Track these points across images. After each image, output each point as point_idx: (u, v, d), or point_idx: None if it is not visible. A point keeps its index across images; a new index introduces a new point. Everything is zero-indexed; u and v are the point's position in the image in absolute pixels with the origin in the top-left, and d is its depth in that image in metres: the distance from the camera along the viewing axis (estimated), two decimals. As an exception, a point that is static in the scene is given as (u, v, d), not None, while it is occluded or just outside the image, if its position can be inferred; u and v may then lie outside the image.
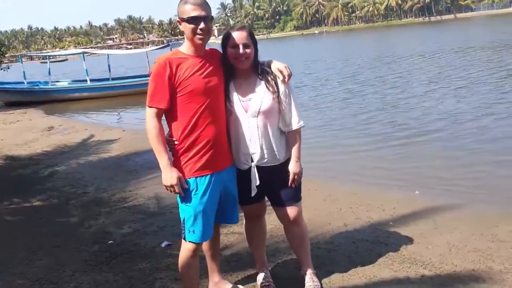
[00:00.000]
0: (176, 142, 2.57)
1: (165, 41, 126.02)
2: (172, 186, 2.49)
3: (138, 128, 11.69)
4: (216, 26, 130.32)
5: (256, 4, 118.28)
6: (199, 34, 2.43)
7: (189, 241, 2.62)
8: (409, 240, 3.69)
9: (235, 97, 2.64)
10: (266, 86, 2.59)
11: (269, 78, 2.60)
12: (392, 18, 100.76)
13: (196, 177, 2.55)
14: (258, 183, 2.73)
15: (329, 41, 58.89)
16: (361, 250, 3.58)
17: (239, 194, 2.79)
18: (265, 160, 2.70)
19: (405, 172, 5.93)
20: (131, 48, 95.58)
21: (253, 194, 2.77)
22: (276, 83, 2.60)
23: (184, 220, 2.61)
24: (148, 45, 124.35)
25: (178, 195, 2.57)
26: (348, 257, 3.47)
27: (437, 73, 16.43)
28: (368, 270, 3.25)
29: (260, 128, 2.60)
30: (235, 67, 2.61)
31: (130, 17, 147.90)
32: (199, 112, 2.50)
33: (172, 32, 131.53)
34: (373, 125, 9.06)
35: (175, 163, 2.58)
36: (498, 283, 2.99)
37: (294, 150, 2.72)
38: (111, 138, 9.99)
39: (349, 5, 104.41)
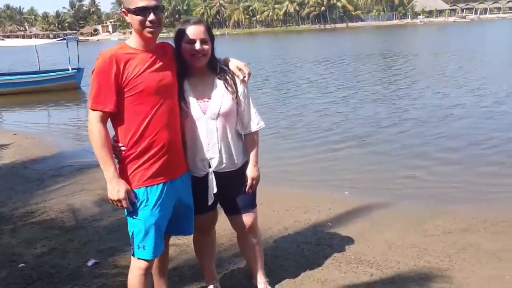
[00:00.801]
0: (123, 149, 2.23)
1: (51, 35, 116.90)
2: (119, 200, 2.16)
3: (33, 131, 10.57)
4: (111, 22, 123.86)
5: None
6: (149, 27, 2.14)
7: (139, 258, 2.30)
8: (350, 240, 3.75)
9: (192, 97, 2.38)
10: (225, 86, 2.41)
11: (228, 78, 2.42)
12: (291, 24, 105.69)
13: (147, 187, 2.24)
14: (215, 190, 2.51)
15: (234, 43, 59.53)
16: (307, 254, 3.53)
17: (193, 203, 2.53)
18: (224, 165, 2.49)
19: (332, 174, 6.11)
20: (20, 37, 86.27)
21: (210, 202, 2.54)
22: (235, 83, 2.43)
23: (132, 234, 2.28)
24: (30, 38, 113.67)
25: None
26: (295, 261, 3.40)
27: (348, 78, 17.49)
28: (318, 274, 3.20)
29: (219, 131, 2.41)
30: (190, 65, 2.36)
31: (7, 6, 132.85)
32: (151, 114, 2.19)
33: (60, 26, 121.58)
34: (299, 130, 9.20)
35: (122, 172, 2.24)
36: (438, 276, 3.15)
37: (252, 154, 2.56)
38: (1, 143, 8.76)
39: (250, 8, 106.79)
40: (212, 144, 2.42)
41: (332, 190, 5.33)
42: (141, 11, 2.11)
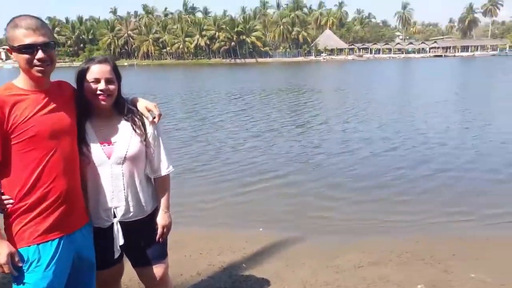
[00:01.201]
0: (11, 202, 1.93)
1: None
2: (0, 266, 1.86)
3: None
4: (3, 49, 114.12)
5: (57, 29, 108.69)
6: (38, 66, 1.90)
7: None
8: (266, 282, 3.67)
9: (94, 141, 2.18)
10: (133, 128, 2.26)
11: (136, 119, 2.27)
12: (202, 57, 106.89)
13: (39, 244, 1.96)
14: (122, 242, 2.28)
15: (144, 75, 58.29)
16: (222, 301, 3.37)
17: (96, 258, 2.27)
18: (131, 214, 2.29)
19: (246, 211, 6.04)
20: None
21: (116, 255, 2.30)
22: (143, 124, 2.28)
23: (20, 303, 1.95)
24: None
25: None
26: (210, 310, 3.22)
27: (261, 114, 17.87)
28: (234, 321, 3.05)
29: (125, 177, 2.24)
30: (93, 106, 2.18)
31: None
32: (44, 162, 1.94)
33: None
34: (212, 166, 9.06)
35: (9, 229, 1.94)
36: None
37: (163, 199, 2.40)
38: None
39: (160, 40, 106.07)
40: (117, 191, 2.23)
41: (246, 228, 5.25)
42: (28, 49, 1.87)
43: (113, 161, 2.20)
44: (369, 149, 10.53)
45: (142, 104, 2.32)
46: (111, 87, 2.15)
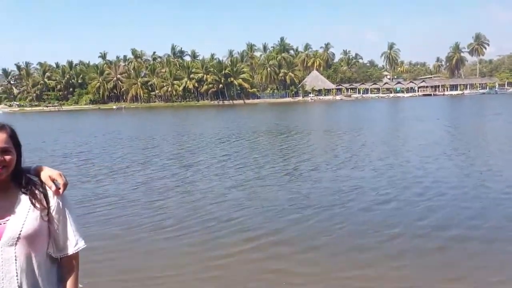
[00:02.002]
0: None
1: None
2: None
3: None
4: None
5: (47, 74, 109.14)
6: None
7: None
8: None
9: None
10: (32, 202, 1.99)
11: (37, 191, 2.02)
12: (190, 100, 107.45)
13: None
14: None
15: (132, 118, 57.78)
16: None
17: None
18: (26, 305, 1.93)
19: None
20: None
21: None
22: (46, 196, 2.02)
23: None
24: None
25: None
26: None
27: (248, 159, 17.12)
28: None
29: (19, 260, 1.93)
30: (-15, 178, 1.92)
31: None
32: None
33: None
34: (183, 224, 8.20)
35: None
36: None
37: (69, 282, 2.07)
38: None
39: (149, 83, 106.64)
40: (8, 278, 1.91)
41: None
42: None
43: (4, 242, 1.91)
44: (361, 201, 9.79)
45: (46, 173, 2.07)
46: (7, 157, 1.93)
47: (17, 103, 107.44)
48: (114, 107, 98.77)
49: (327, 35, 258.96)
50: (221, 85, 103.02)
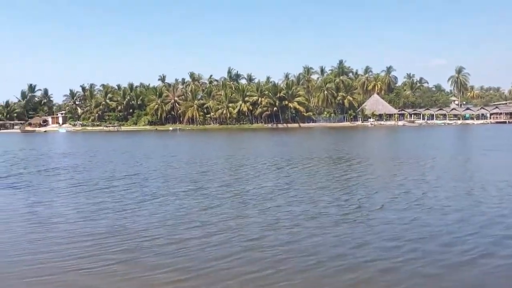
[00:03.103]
0: None
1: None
2: None
3: None
4: (62, 114, 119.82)
5: (109, 95, 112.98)
6: None
7: None
8: None
9: None
10: None
11: None
12: (244, 122, 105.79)
13: None
14: None
15: (187, 139, 56.50)
16: None
17: None
18: None
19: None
20: None
21: None
22: None
23: None
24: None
25: None
26: None
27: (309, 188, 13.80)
28: None
29: None
30: None
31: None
32: None
33: (8, 116, 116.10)
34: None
35: None
36: None
37: None
38: None
39: (204, 106, 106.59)
40: None
41: None
42: None
43: None
44: (434, 257, 7.52)
45: None
46: None
47: (80, 122, 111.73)
48: (170, 128, 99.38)
49: (389, 58, 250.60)
50: (275, 108, 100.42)
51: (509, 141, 38.76)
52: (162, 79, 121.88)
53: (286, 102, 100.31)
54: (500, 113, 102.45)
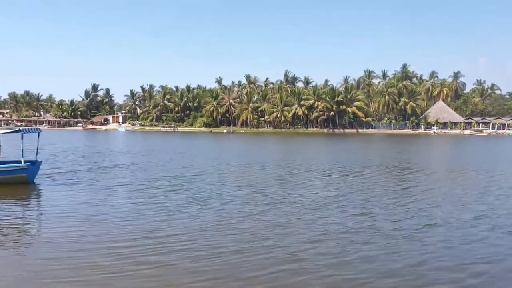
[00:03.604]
0: None
1: (61, 122, 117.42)
2: None
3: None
4: (122, 113, 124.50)
5: (167, 96, 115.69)
6: None
7: None
8: None
9: None
10: None
11: None
12: (299, 126, 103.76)
13: None
14: None
15: (238, 142, 55.81)
16: None
17: None
18: None
19: None
20: (21, 125, 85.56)
21: None
22: None
23: None
24: (42, 124, 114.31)
25: None
26: None
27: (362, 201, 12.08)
28: None
29: None
30: None
31: (27, 93, 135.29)
32: None
33: (72, 114, 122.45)
34: None
35: None
36: None
37: None
38: None
39: (259, 109, 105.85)
40: None
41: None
42: None
43: None
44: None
45: None
46: None
47: (139, 122, 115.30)
48: (224, 131, 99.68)
49: (458, 63, 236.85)
50: (332, 113, 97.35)
51: None
52: (219, 81, 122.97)
53: (344, 107, 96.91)
54: None
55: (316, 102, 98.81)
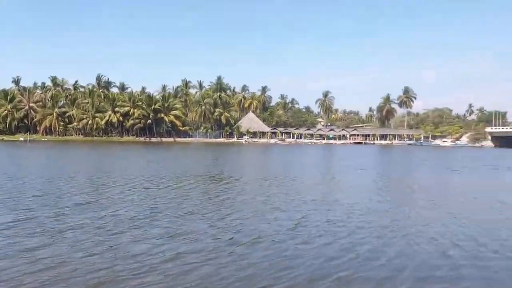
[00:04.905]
0: None
1: None
2: None
3: None
4: None
5: None
6: None
7: None
8: None
9: None
10: None
11: None
12: (113, 134, 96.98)
13: None
14: None
15: (37, 152, 47.74)
16: None
17: None
18: None
19: None
20: None
21: None
22: None
23: None
24: None
25: None
26: None
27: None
28: None
29: None
30: None
31: None
32: None
33: None
34: None
35: None
36: None
37: None
38: None
39: (66, 115, 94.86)
40: None
41: None
42: None
43: None
44: None
45: None
46: None
47: None
48: (21, 138, 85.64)
49: (267, 79, 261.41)
50: (149, 121, 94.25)
51: (368, 160, 41.31)
52: (16, 81, 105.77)
53: (162, 115, 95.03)
54: (358, 135, 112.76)
55: (132, 109, 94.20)
